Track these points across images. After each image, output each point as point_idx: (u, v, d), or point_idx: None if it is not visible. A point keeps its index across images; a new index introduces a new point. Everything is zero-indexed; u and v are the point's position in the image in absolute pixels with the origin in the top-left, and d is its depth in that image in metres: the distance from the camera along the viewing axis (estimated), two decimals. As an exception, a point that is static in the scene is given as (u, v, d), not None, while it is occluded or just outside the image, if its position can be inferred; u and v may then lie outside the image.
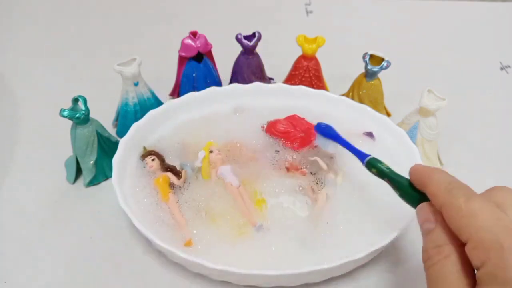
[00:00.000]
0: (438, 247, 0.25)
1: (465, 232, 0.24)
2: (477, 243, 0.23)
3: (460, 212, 0.24)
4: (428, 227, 0.26)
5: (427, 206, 0.28)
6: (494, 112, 0.56)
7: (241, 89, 0.49)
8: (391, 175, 0.32)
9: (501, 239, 0.22)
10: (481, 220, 0.23)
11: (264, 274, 0.33)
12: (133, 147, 0.43)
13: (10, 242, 0.40)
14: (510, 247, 0.22)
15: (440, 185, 0.27)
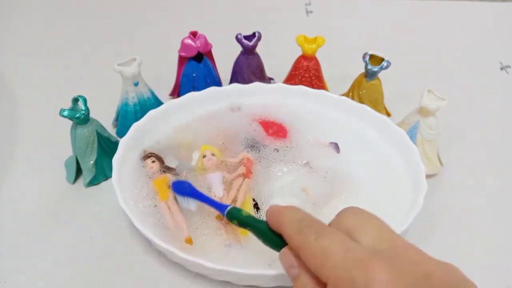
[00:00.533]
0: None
1: (321, 273, 0.24)
2: (335, 284, 0.23)
3: (313, 252, 0.24)
4: (293, 272, 0.26)
5: (288, 250, 0.27)
6: (494, 112, 0.56)
7: (241, 89, 0.49)
8: (251, 222, 0.31)
9: (354, 275, 0.22)
10: (332, 257, 0.23)
11: (264, 274, 0.33)
12: (133, 147, 0.43)
13: (10, 242, 0.40)
14: (363, 282, 0.22)
15: (292, 225, 0.26)
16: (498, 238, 0.42)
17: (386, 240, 0.24)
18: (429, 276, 0.22)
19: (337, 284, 0.23)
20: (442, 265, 0.24)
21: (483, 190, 0.46)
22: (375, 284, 0.21)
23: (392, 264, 0.22)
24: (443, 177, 0.47)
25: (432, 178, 0.46)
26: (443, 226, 0.42)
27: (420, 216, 0.36)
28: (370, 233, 0.25)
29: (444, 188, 0.46)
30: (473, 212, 0.44)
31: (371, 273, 0.22)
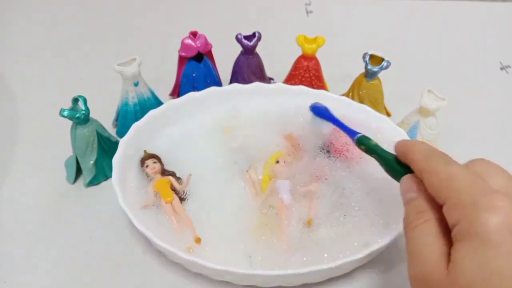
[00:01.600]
0: (419, 212, 0.26)
1: (442, 194, 0.25)
2: (453, 203, 0.24)
3: (439, 175, 0.25)
4: (411, 196, 0.28)
5: (410, 177, 0.29)
6: (494, 112, 0.56)
7: (241, 89, 0.49)
8: (378, 151, 0.34)
9: (476, 198, 0.23)
10: (458, 182, 0.24)
11: (264, 274, 0.33)
12: (133, 147, 0.43)
13: (10, 242, 0.40)
14: (483, 205, 0.22)
15: (421, 152, 0.28)
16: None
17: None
18: None
19: (457, 203, 0.24)
20: None
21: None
22: (497, 209, 0.22)
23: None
24: (443, 177, 0.47)
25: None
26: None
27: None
28: (499, 179, 0.25)
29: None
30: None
31: (495, 201, 0.22)
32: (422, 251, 0.25)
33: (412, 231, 0.26)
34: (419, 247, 0.25)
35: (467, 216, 0.23)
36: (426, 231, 0.25)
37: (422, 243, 0.25)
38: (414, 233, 0.26)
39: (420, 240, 0.25)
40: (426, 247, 0.24)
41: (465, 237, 0.23)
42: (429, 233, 0.25)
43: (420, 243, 0.25)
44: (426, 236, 0.25)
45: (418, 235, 0.25)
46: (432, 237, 0.25)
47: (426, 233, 0.25)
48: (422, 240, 0.25)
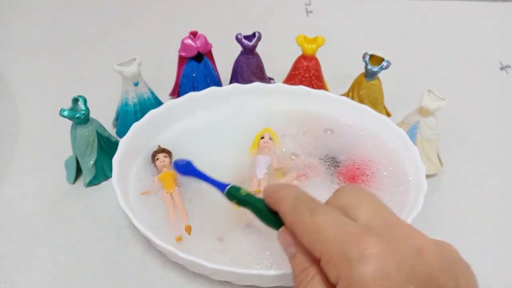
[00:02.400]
0: (304, 270, 0.25)
1: (315, 249, 0.24)
2: (327, 259, 0.23)
3: (306, 228, 0.24)
4: (291, 251, 0.26)
5: (285, 230, 0.27)
6: (494, 112, 0.56)
7: (241, 89, 0.49)
8: (250, 201, 0.31)
9: (346, 249, 0.22)
10: (326, 233, 0.23)
11: (264, 274, 0.33)
12: (133, 147, 0.43)
13: (10, 242, 0.40)
14: (354, 257, 0.21)
15: (287, 203, 0.26)
16: (498, 238, 0.42)
17: (382, 218, 0.24)
18: (422, 251, 0.22)
19: (330, 259, 0.23)
20: (437, 242, 0.24)
21: (483, 190, 0.46)
22: (367, 258, 0.21)
23: (385, 239, 0.22)
24: (443, 177, 0.47)
25: (432, 178, 0.46)
26: (443, 226, 0.42)
27: (420, 216, 0.36)
28: (365, 210, 0.24)
29: (444, 188, 0.46)
30: (473, 212, 0.44)
31: (364, 247, 0.21)
32: None
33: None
34: None
35: (343, 273, 0.22)
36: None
37: None
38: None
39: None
40: None
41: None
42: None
43: None
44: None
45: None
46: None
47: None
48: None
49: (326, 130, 0.47)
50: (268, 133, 0.45)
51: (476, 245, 0.41)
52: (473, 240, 0.41)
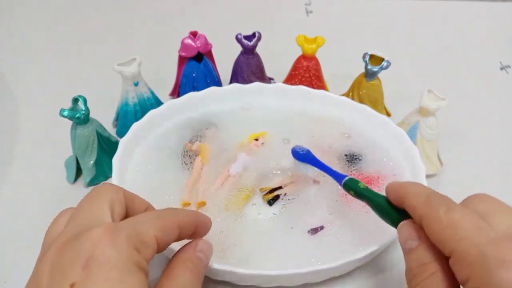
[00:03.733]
0: (423, 265, 0.24)
1: (447, 245, 0.23)
2: (460, 257, 0.22)
3: (441, 223, 0.23)
4: (411, 245, 0.26)
5: (409, 223, 0.27)
6: (494, 112, 0.56)
7: (241, 89, 0.49)
8: (369, 195, 0.31)
9: (484, 251, 0.21)
10: (463, 231, 0.22)
11: (264, 274, 0.33)
12: (133, 147, 0.43)
13: (10, 242, 0.40)
14: (494, 260, 0.21)
15: (419, 197, 0.26)
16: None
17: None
18: None
19: (463, 258, 0.22)
20: None
21: (483, 190, 0.45)
22: (506, 265, 0.20)
23: None
24: (443, 177, 0.47)
25: (432, 178, 0.46)
26: (443, 226, 0.42)
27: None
28: (504, 219, 0.23)
29: (444, 188, 0.46)
30: (473, 212, 0.44)
31: (507, 253, 0.21)
32: None
33: (418, 287, 0.24)
34: None
35: (477, 273, 0.21)
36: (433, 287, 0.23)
37: None
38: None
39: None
40: None
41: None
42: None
43: None
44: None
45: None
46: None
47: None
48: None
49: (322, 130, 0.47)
50: (263, 138, 0.45)
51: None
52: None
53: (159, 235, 0.25)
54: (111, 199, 0.26)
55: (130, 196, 0.29)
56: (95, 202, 0.26)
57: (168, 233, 0.26)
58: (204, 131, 0.46)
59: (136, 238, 0.24)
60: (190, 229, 0.28)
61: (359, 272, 0.38)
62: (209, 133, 0.45)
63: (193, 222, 0.29)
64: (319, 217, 0.38)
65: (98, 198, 0.27)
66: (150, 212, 0.28)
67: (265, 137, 0.45)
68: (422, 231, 0.25)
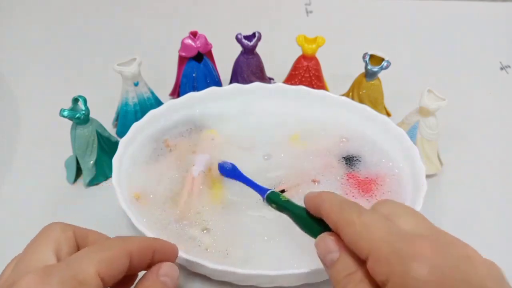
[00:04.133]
0: (349, 275, 0.24)
1: (363, 247, 0.23)
2: (376, 257, 0.23)
3: (354, 226, 0.24)
4: (332, 257, 0.26)
5: (327, 235, 0.26)
6: (494, 112, 0.56)
7: (241, 89, 0.49)
8: (289, 207, 0.31)
9: (398, 248, 0.22)
10: (375, 232, 0.23)
11: (264, 274, 0.33)
12: (133, 147, 0.43)
13: (10, 242, 0.40)
14: (408, 255, 0.21)
15: (332, 204, 0.27)
16: (498, 238, 0.42)
17: (425, 227, 0.24)
18: (472, 258, 0.22)
19: (379, 256, 0.22)
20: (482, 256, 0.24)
21: (483, 190, 0.46)
22: (422, 257, 0.21)
23: (435, 243, 0.22)
24: (443, 177, 0.47)
25: (432, 178, 0.46)
26: (443, 226, 0.41)
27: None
28: (408, 220, 0.25)
29: (444, 188, 0.46)
30: (473, 212, 0.44)
31: (418, 247, 0.22)
32: None
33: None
34: None
35: (395, 270, 0.22)
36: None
37: None
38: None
39: None
40: None
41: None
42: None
43: None
44: None
45: None
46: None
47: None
48: None
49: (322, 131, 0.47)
50: (211, 134, 0.45)
51: (476, 245, 0.40)
52: (473, 240, 0.40)
53: (102, 269, 0.24)
54: (56, 239, 0.26)
55: (83, 232, 0.28)
56: (38, 245, 0.26)
57: (114, 265, 0.25)
58: (187, 132, 0.46)
59: (72, 280, 0.23)
60: (144, 257, 0.27)
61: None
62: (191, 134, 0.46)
63: (147, 248, 0.28)
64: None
65: (42, 240, 0.26)
66: (91, 247, 0.26)
67: (212, 133, 0.46)
68: (341, 241, 0.25)
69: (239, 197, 0.40)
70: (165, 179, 0.41)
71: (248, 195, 0.40)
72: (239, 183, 0.41)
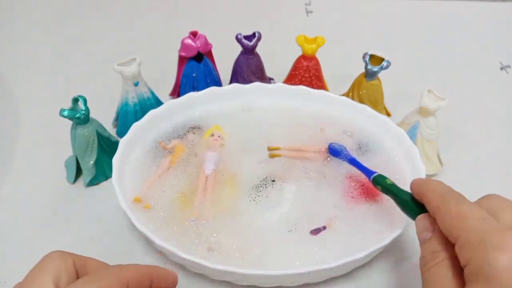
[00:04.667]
0: (434, 253, 0.27)
1: (454, 233, 0.25)
2: (463, 242, 0.24)
3: (450, 214, 0.26)
4: (426, 236, 0.28)
5: (425, 216, 0.29)
6: (494, 112, 0.56)
7: (241, 89, 0.49)
8: (394, 191, 0.34)
9: (485, 237, 0.23)
10: (468, 221, 0.25)
11: (264, 274, 0.33)
12: (133, 147, 0.43)
13: (10, 242, 0.40)
14: (492, 244, 0.23)
15: (435, 192, 0.29)
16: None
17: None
18: None
19: (466, 242, 0.24)
20: None
21: (483, 190, 0.45)
22: (505, 247, 0.22)
23: None
24: (443, 177, 0.47)
25: (432, 178, 0.46)
26: (443, 226, 0.42)
27: (420, 216, 0.36)
28: (510, 215, 0.25)
29: (444, 188, 0.46)
30: (473, 212, 0.44)
31: (504, 239, 0.23)
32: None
33: (428, 271, 0.27)
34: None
35: (476, 256, 0.23)
36: (441, 272, 0.26)
37: (437, 285, 0.25)
38: (429, 274, 0.26)
39: (435, 282, 0.26)
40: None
41: (475, 278, 0.23)
42: (444, 274, 0.25)
43: (434, 284, 0.25)
44: (441, 277, 0.25)
45: (433, 276, 0.26)
46: (446, 278, 0.25)
47: (441, 274, 0.25)
48: (437, 282, 0.25)
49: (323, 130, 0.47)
50: (217, 131, 0.46)
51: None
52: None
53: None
54: (56, 269, 0.26)
55: (82, 260, 0.28)
56: (37, 274, 0.26)
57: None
58: (186, 133, 0.46)
59: None
60: (142, 285, 0.28)
61: (359, 272, 0.38)
62: (190, 136, 0.46)
63: (145, 277, 0.28)
64: (321, 218, 0.38)
65: (42, 269, 0.26)
66: (89, 276, 0.26)
67: (219, 131, 0.46)
68: (436, 224, 0.28)
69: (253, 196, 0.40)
70: (165, 179, 0.41)
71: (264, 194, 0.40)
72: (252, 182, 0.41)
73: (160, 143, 0.44)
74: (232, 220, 0.38)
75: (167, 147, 0.44)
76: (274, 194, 0.40)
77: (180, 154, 0.44)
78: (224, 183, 0.41)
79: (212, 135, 0.45)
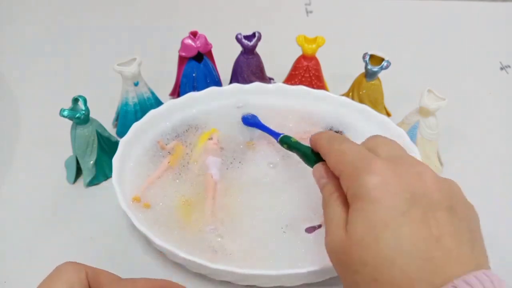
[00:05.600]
0: (331, 194, 0.29)
1: (337, 168, 0.29)
2: (344, 174, 0.28)
3: (334, 153, 0.30)
4: (323, 182, 0.31)
5: (320, 165, 0.32)
6: (494, 112, 0.56)
7: (241, 89, 0.49)
8: (297, 146, 0.37)
9: (358, 165, 0.27)
10: (346, 156, 0.28)
11: (264, 274, 0.33)
12: (133, 147, 0.43)
13: (10, 242, 0.40)
14: (363, 170, 0.26)
15: (324, 138, 0.32)
16: (498, 238, 0.42)
17: (395, 153, 0.29)
18: (423, 174, 0.26)
19: (345, 175, 0.28)
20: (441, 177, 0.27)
21: (483, 190, 0.46)
22: (373, 170, 0.26)
23: (392, 163, 0.26)
24: (443, 177, 0.47)
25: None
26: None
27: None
28: (385, 148, 0.29)
29: (444, 188, 0.46)
30: (473, 212, 0.44)
31: (373, 164, 0.26)
32: (331, 222, 0.28)
33: (327, 207, 0.29)
34: (329, 221, 0.28)
35: (352, 182, 0.26)
36: (334, 205, 0.28)
37: (331, 216, 0.28)
38: (327, 209, 0.29)
39: (330, 214, 0.28)
40: (334, 218, 0.28)
41: (353, 199, 0.26)
42: (335, 205, 0.28)
43: (329, 217, 0.28)
44: (334, 209, 0.28)
45: (329, 210, 0.29)
46: (338, 208, 0.28)
47: (334, 206, 0.28)
48: (331, 214, 0.28)
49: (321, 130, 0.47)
50: (216, 134, 0.45)
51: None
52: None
53: None
54: (69, 281, 0.26)
55: (94, 272, 0.28)
56: (50, 286, 0.27)
57: None
58: (185, 133, 0.46)
59: None
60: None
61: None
62: (190, 136, 0.45)
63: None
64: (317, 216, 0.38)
65: (55, 281, 0.27)
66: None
67: (216, 134, 0.45)
68: (329, 171, 0.30)
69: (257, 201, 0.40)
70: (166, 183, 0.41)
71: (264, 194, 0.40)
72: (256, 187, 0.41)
73: (159, 143, 0.44)
74: (233, 222, 0.38)
75: (165, 147, 0.44)
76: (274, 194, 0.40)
77: (180, 154, 0.43)
78: (227, 187, 0.41)
79: (210, 139, 0.45)
